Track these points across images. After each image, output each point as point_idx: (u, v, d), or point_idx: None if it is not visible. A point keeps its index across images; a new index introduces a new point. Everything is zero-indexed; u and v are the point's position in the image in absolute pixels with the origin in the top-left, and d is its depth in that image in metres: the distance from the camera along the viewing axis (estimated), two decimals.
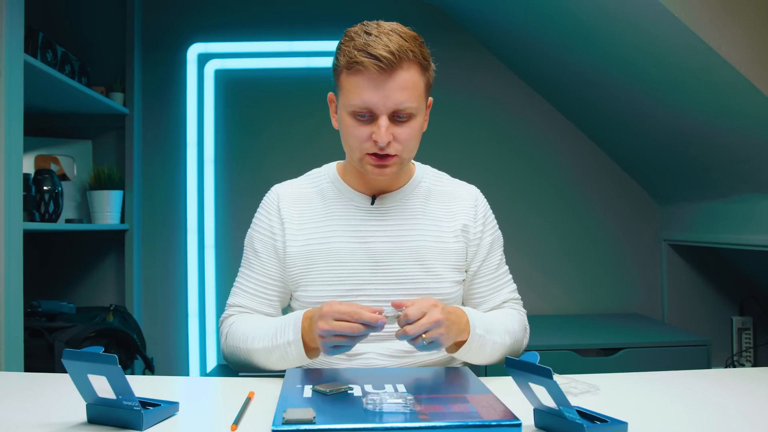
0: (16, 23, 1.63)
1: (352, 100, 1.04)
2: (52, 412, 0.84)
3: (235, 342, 1.10)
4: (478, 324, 1.05)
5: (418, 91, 1.05)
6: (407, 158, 1.10)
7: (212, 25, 2.62)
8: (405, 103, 1.03)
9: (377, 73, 1.01)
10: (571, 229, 2.65)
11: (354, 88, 1.03)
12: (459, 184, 1.24)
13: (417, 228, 1.15)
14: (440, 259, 1.14)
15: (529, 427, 0.77)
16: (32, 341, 1.81)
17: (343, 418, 0.74)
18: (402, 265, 1.12)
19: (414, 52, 1.03)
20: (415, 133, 1.07)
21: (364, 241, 1.13)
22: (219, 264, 2.58)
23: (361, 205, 1.16)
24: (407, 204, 1.17)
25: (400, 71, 1.02)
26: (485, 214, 1.21)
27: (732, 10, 1.48)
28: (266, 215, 1.19)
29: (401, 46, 1.01)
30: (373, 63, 1.00)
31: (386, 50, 1.00)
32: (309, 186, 1.21)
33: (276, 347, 1.04)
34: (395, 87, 1.02)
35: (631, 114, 2.15)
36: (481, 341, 1.05)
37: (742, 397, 0.93)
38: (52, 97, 2.20)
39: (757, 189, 1.87)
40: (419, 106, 1.06)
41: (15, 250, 1.60)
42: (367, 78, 1.01)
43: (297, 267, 1.14)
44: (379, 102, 1.02)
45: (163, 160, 2.62)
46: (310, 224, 1.16)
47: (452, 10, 2.58)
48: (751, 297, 2.42)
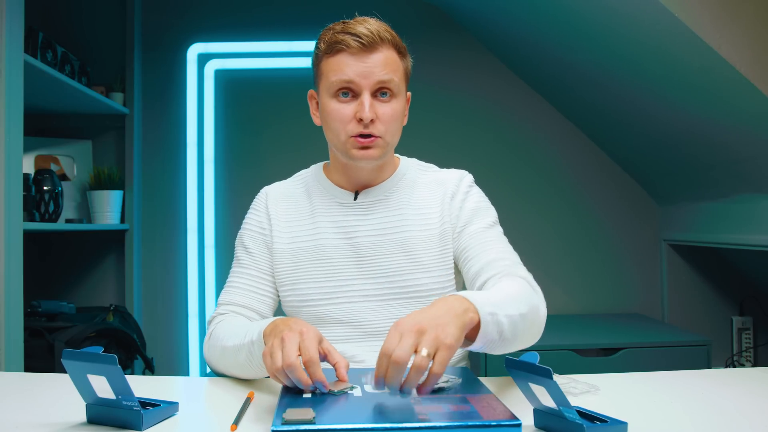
0: (16, 23, 1.63)
1: (334, 78, 1.06)
2: (52, 412, 0.84)
3: (215, 343, 1.07)
4: (481, 301, 0.86)
5: (399, 72, 1.08)
6: (390, 143, 1.09)
7: (212, 25, 2.62)
8: (386, 77, 1.05)
9: (358, 49, 1.04)
10: (571, 229, 2.65)
11: (335, 67, 1.06)
12: (445, 172, 1.21)
13: (401, 220, 1.14)
14: (427, 249, 1.12)
15: (529, 427, 0.77)
16: (32, 341, 1.81)
17: (343, 418, 0.74)
18: (388, 258, 1.11)
19: (392, 36, 1.08)
20: (397, 115, 1.08)
21: (348, 237, 1.13)
22: (219, 264, 2.58)
23: (345, 201, 1.16)
24: (391, 197, 1.16)
25: (381, 49, 1.05)
26: (468, 191, 1.16)
27: (732, 10, 1.48)
28: (256, 214, 1.20)
29: (379, 28, 1.06)
30: (353, 39, 1.04)
31: (366, 29, 1.04)
32: (296, 186, 1.22)
33: (243, 345, 0.97)
34: (376, 62, 1.05)
35: (631, 114, 2.15)
36: (495, 319, 0.86)
37: (742, 397, 0.93)
38: (52, 97, 2.20)
39: (758, 189, 1.87)
40: (400, 86, 1.08)
41: (15, 250, 1.60)
42: (349, 54, 1.05)
43: (284, 265, 1.14)
44: (362, 75, 1.04)
45: (163, 160, 2.62)
46: (296, 222, 1.16)
47: (452, 10, 2.58)
48: (751, 297, 2.42)
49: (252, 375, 1.00)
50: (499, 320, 0.86)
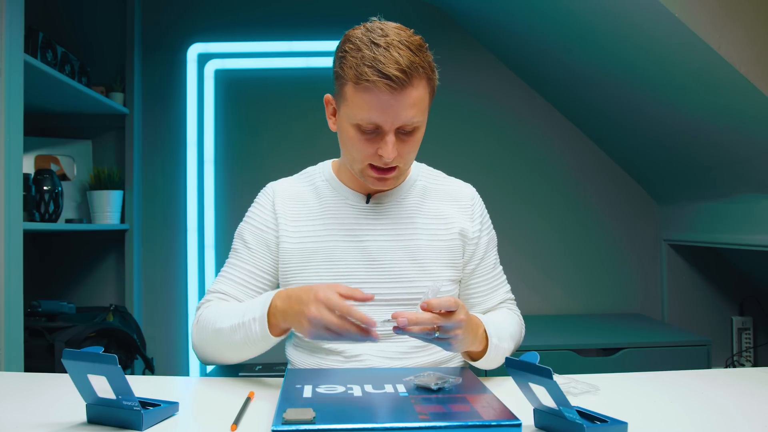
0: (16, 23, 1.63)
1: (359, 116, 1.02)
2: (52, 412, 0.84)
3: (205, 325, 1.07)
4: (494, 333, 1.05)
5: (425, 104, 1.05)
6: (406, 169, 1.12)
7: (212, 25, 2.62)
8: (412, 120, 1.02)
9: (388, 93, 0.98)
10: (572, 229, 2.65)
11: (362, 104, 1.01)
12: (456, 183, 1.24)
13: (413, 226, 1.15)
14: (436, 257, 1.14)
15: (529, 427, 0.77)
16: (32, 341, 1.81)
17: (343, 418, 0.74)
18: (397, 264, 1.12)
19: (423, 67, 1.01)
20: (417, 144, 1.08)
21: (359, 240, 1.13)
22: (219, 264, 2.58)
23: (356, 204, 1.16)
24: (403, 203, 1.17)
25: (410, 89, 0.99)
26: (482, 213, 1.22)
27: (732, 10, 1.48)
28: (260, 209, 1.19)
29: (412, 63, 0.98)
30: (384, 83, 0.97)
31: (397, 68, 0.97)
32: (304, 184, 1.21)
33: (241, 325, 1.00)
34: (404, 105, 1.00)
35: (631, 114, 2.15)
36: (497, 350, 1.05)
37: (742, 397, 0.93)
38: (52, 97, 2.20)
39: (757, 189, 1.87)
40: (424, 119, 1.06)
41: (15, 250, 1.60)
42: (377, 97, 0.99)
43: (292, 263, 1.14)
44: (388, 120, 1.01)
45: (163, 160, 2.62)
46: (305, 222, 1.16)
47: (452, 10, 2.58)
48: (751, 297, 2.42)
49: (244, 355, 1.04)
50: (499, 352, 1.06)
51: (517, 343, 1.16)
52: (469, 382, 0.92)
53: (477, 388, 0.88)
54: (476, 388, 0.88)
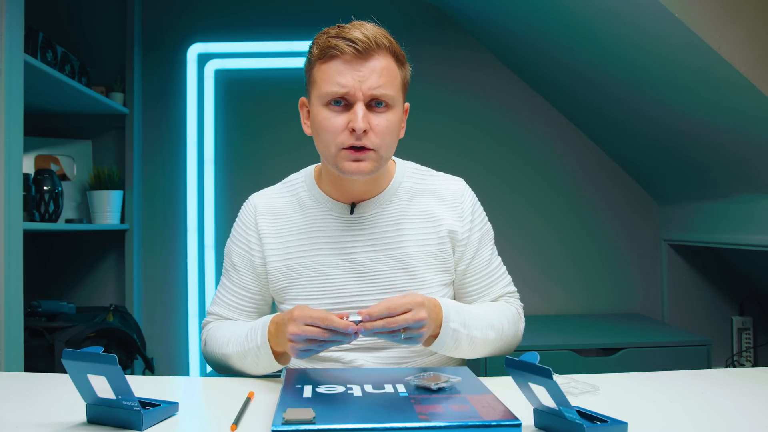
0: (16, 23, 1.63)
1: (326, 88, 1.01)
2: (52, 412, 0.84)
3: (213, 347, 1.12)
4: (454, 318, 1.02)
5: (395, 81, 1.03)
6: (384, 156, 1.05)
7: (212, 25, 2.62)
8: (382, 89, 1.00)
9: (353, 56, 0.99)
10: (571, 229, 2.65)
11: (329, 74, 1.01)
12: (444, 180, 1.19)
13: (400, 234, 1.11)
14: (426, 263, 1.11)
15: (529, 427, 0.77)
16: (32, 341, 1.82)
17: (343, 418, 0.74)
18: (387, 274, 1.10)
19: (390, 42, 1.03)
20: (392, 128, 1.04)
21: (346, 253, 1.11)
22: (219, 264, 2.58)
23: (340, 215, 1.12)
24: (388, 209, 1.13)
25: (377, 56, 1.01)
26: (472, 210, 1.16)
27: (732, 10, 1.48)
28: (243, 229, 1.17)
29: (376, 33, 1.01)
30: (348, 45, 0.99)
31: (362, 34, 0.99)
32: (286, 195, 1.18)
33: (248, 351, 1.04)
34: (371, 70, 1.00)
35: (631, 114, 2.15)
36: (455, 335, 1.02)
37: (742, 397, 0.93)
38: (52, 97, 2.20)
39: (757, 189, 1.87)
40: (396, 98, 1.04)
41: (15, 250, 1.60)
42: (343, 61, 1.00)
43: (281, 282, 1.13)
44: (355, 85, 0.99)
45: (163, 160, 2.62)
46: (289, 237, 1.13)
47: (452, 10, 2.58)
48: (751, 297, 2.42)
49: (259, 373, 1.06)
50: (458, 337, 1.03)
51: (507, 335, 1.11)
52: (469, 382, 0.92)
53: (477, 388, 0.88)
54: (476, 388, 0.88)
